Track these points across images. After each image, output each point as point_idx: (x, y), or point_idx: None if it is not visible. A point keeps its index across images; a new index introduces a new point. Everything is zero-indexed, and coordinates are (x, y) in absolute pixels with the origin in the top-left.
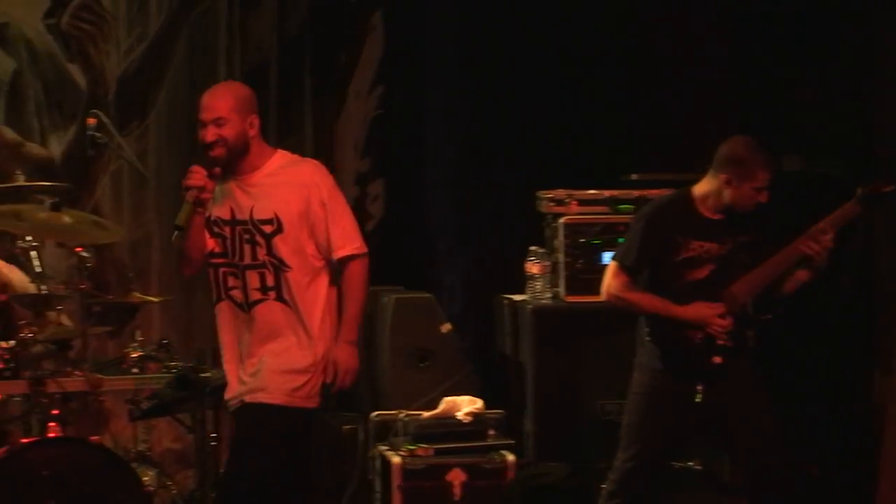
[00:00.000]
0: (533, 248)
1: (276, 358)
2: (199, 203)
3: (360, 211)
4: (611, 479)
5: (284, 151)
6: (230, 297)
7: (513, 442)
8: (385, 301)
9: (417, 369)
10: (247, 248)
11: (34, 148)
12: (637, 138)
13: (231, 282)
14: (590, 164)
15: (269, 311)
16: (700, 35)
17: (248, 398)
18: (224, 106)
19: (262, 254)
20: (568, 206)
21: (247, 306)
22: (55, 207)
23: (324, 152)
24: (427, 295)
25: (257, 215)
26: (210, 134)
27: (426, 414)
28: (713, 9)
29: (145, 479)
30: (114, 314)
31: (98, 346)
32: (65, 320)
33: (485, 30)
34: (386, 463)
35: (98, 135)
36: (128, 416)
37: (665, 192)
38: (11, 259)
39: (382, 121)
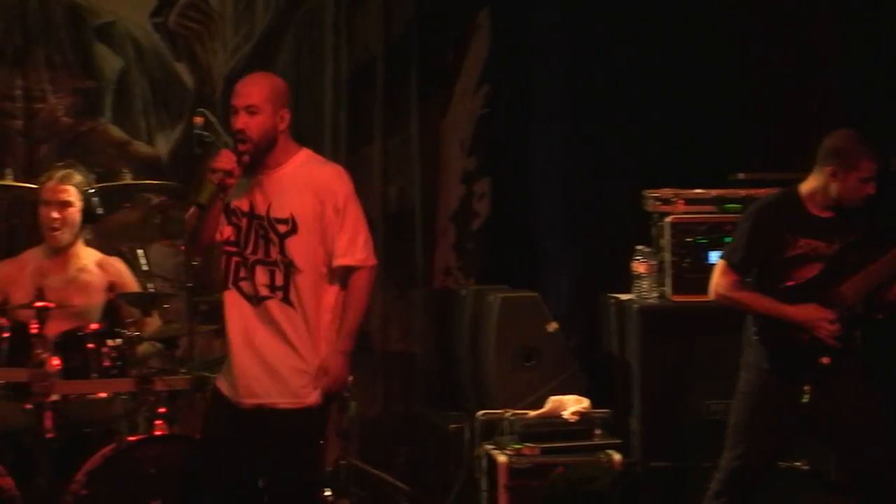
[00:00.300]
0: (639, 247)
1: (285, 359)
2: (223, 188)
3: (465, 209)
4: (717, 479)
5: (309, 150)
6: (238, 288)
7: (619, 441)
8: (491, 300)
9: (523, 368)
10: (260, 243)
11: (141, 146)
12: (744, 137)
13: (242, 272)
14: (697, 162)
15: (276, 309)
16: (806, 35)
17: (269, 402)
18: (259, 94)
19: (274, 252)
20: (674, 205)
21: (255, 300)
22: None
23: (429, 151)
24: (533, 294)
25: (274, 213)
26: (240, 121)
27: (532, 413)
28: (819, 7)
29: None
30: (220, 312)
31: (204, 345)
32: (157, 320)
33: (591, 28)
34: (492, 462)
35: (205, 133)
36: None
37: (772, 191)
38: (118, 257)
39: (489, 119)
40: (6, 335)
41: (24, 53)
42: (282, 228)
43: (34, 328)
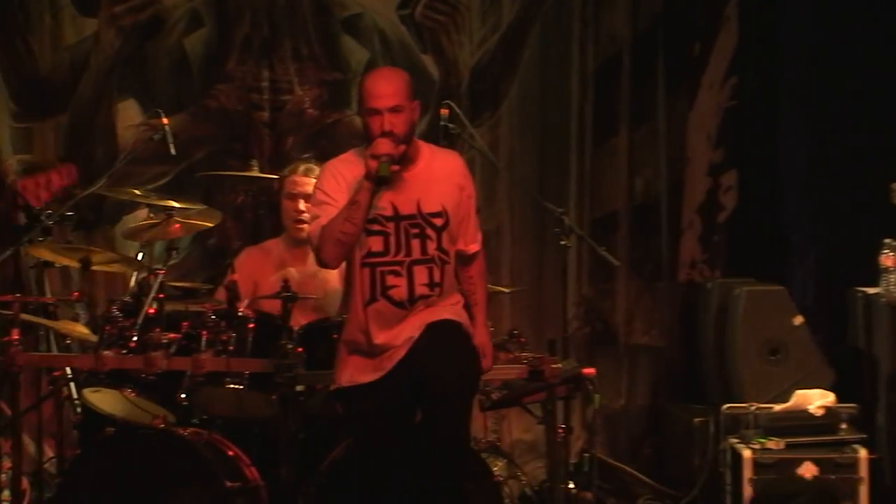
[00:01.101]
0: (887, 240)
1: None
2: (383, 180)
3: (711, 202)
4: None
5: (420, 140)
6: (387, 297)
7: (865, 437)
8: (737, 293)
9: (769, 362)
10: (415, 242)
11: None
12: None
13: (391, 280)
14: None
15: (430, 305)
16: None
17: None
18: (400, 93)
19: (432, 248)
20: None
21: (408, 303)
22: None
23: (676, 143)
24: (779, 287)
25: (426, 208)
26: (387, 122)
27: (777, 407)
28: None
29: (495, 468)
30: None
31: None
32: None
33: (838, 21)
34: (736, 456)
35: (451, 125)
36: (478, 406)
37: None
38: None
39: (736, 111)
40: (251, 326)
41: (271, 45)
42: (438, 222)
43: (279, 319)
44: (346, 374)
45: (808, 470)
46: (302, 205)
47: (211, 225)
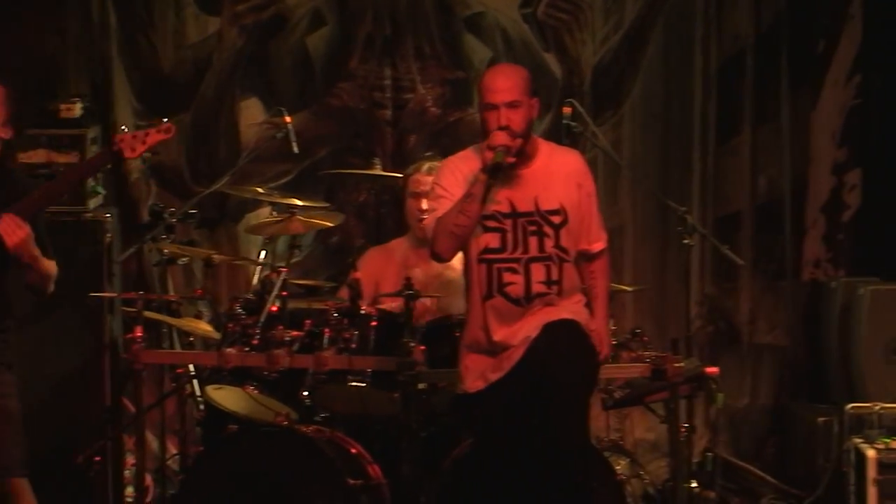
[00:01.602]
0: None
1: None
2: (499, 167)
3: (836, 200)
4: None
5: (540, 138)
6: (504, 294)
7: None
8: (861, 293)
9: (893, 361)
10: (533, 240)
11: None
12: None
13: (508, 277)
14: None
15: (548, 304)
16: None
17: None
18: (518, 88)
19: (549, 245)
20: None
21: (525, 300)
22: None
23: (799, 141)
24: None
25: (544, 206)
26: (503, 117)
27: None
28: None
29: (617, 467)
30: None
31: None
32: None
33: None
34: (860, 455)
35: (573, 124)
36: (601, 405)
37: None
38: None
39: (860, 110)
40: (374, 324)
41: (393, 44)
42: (556, 220)
43: (401, 318)
44: (469, 379)
45: None
46: (425, 204)
47: (333, 225)
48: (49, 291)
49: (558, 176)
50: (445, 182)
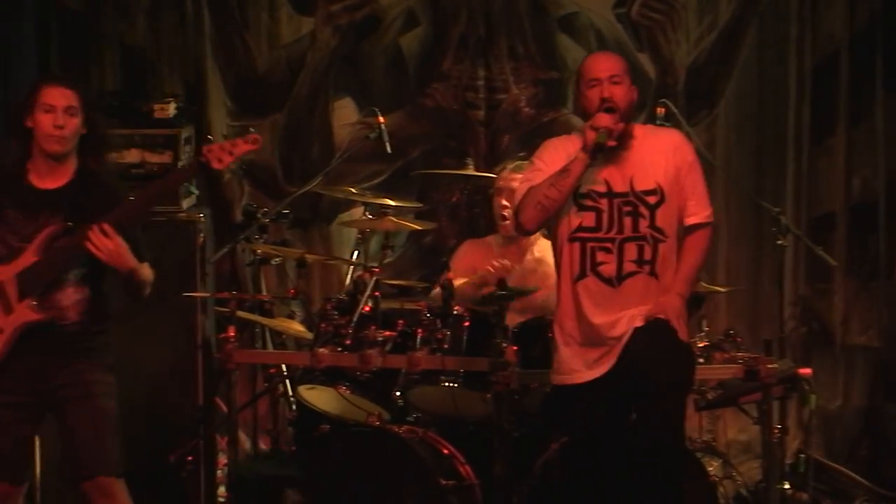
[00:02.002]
0: None
1: None
2: (600, 148)
3: None
4: None
5: (637, 123)
6: (596, 273)
7: None
8: None
9: None
10: (627, 220)
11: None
12: None
13: (601, 256)
14: None
15: (641, 285)
16: None
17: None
18: (619, 65)
19: (643, 226)
20: None
21: (616, 280)
22: None
23: (894, 142)
24: None
25: (639, 186)
26: (606, 90)
27: None
28: None
29: (710, 468)
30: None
31: None
32: None
33: None
34: None
35: (667, 124)
36: (694, 406)
37: None
38: None
39: None
40: (467, 325)
41: (487, 44)
42: (651, 200)
43: (494, 318)
44: (565, 372)
45: None
46: (506, 200)
47: (423, 228)
48: (145, 295)
49: (655, 154)
50: (546, 157)
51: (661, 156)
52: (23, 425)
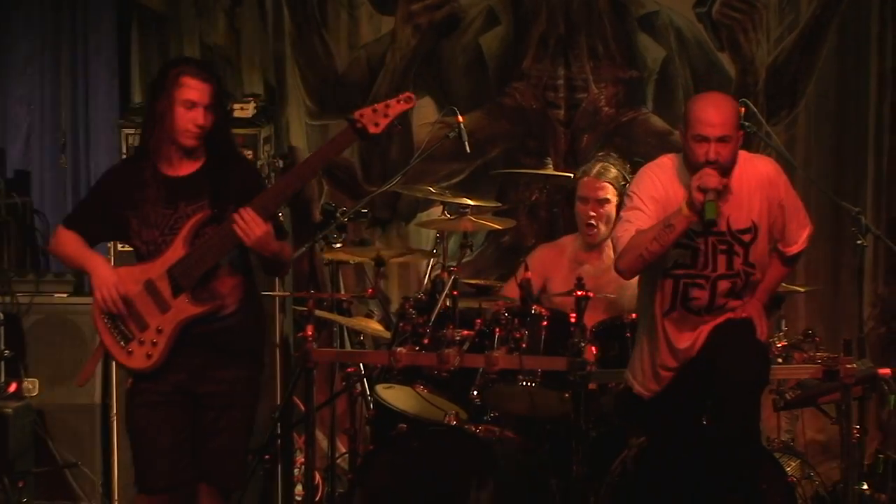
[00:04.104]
0: None
1: None
2: (710, 224)
3: None
4: None
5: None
6: (687, 308)
7: None
8: None
9: None
10: (722, 258)
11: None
12: None
13: (694, 293)
14: None
15: (727, 309)
16: None
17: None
18: (730, 124)
19: (738, 263)
20: None
21: (706, 311)
22: None
23: None
24: None
25: (735, 225)
26: (712, 152)
27: None
28: None
29: (788, 469)
30: None
31: None
32: None
33: None
34: None
35: (747, 124)
36: (772, 405)
37: None
38: None
39: None
40: (545, 324)
41: (567, 43)
42: (746, 238)
43: (573, 317)
44: (638, 381)
45: None
46: (591, 210)
47: (502, 228)
48: (286, 273)
49: (749, 191)
50: (643, 192)
51: (755, 192)
52: (183, 423)
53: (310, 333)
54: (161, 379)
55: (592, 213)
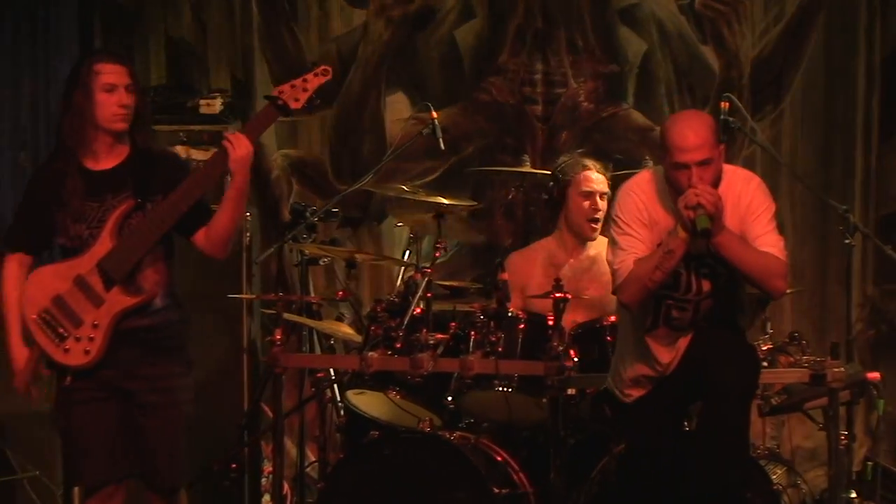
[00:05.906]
0: None
1: None
2: (706, 234)
3: None
4: None
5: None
6: (669, 326)
7: None
8: None
9: None
10: (706, 282)
11: None
12: None
13: (675, 313)
14: None
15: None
16: None
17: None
18: (709, 146)
19: (720, 283)
20: None
21: (689, 327)
22: None
23: None
24: None
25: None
26: (695, 176)
27: None
28: None
29: (774, 476)
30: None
31: None
32: None
33: None
34: None
35: (731, 119)
36: (757, 411)
37: None
38: None
39: None
40: (522, 327)
41: (545, 37)
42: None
43: (551, 320)
44: (619, 388)
45: None
46: (599, 203)
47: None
48: (226, 253)
49: (730, 209)
50: (629, 217)
51: (731, 210)
52: (115, 416)
53: (278, 337)
54: (93, 376)
55: (599, 207)
